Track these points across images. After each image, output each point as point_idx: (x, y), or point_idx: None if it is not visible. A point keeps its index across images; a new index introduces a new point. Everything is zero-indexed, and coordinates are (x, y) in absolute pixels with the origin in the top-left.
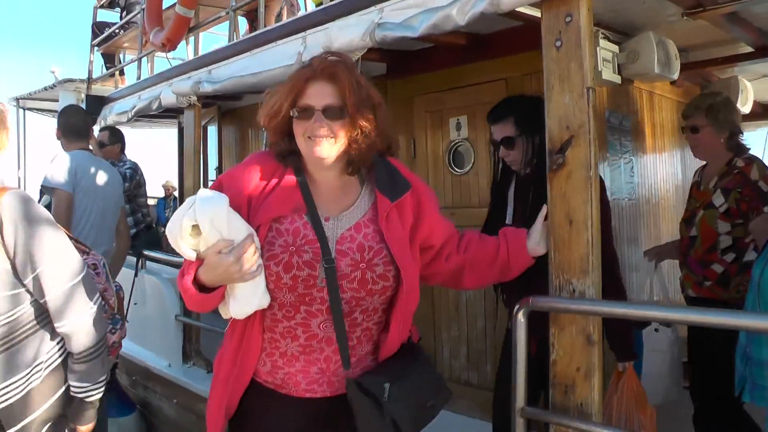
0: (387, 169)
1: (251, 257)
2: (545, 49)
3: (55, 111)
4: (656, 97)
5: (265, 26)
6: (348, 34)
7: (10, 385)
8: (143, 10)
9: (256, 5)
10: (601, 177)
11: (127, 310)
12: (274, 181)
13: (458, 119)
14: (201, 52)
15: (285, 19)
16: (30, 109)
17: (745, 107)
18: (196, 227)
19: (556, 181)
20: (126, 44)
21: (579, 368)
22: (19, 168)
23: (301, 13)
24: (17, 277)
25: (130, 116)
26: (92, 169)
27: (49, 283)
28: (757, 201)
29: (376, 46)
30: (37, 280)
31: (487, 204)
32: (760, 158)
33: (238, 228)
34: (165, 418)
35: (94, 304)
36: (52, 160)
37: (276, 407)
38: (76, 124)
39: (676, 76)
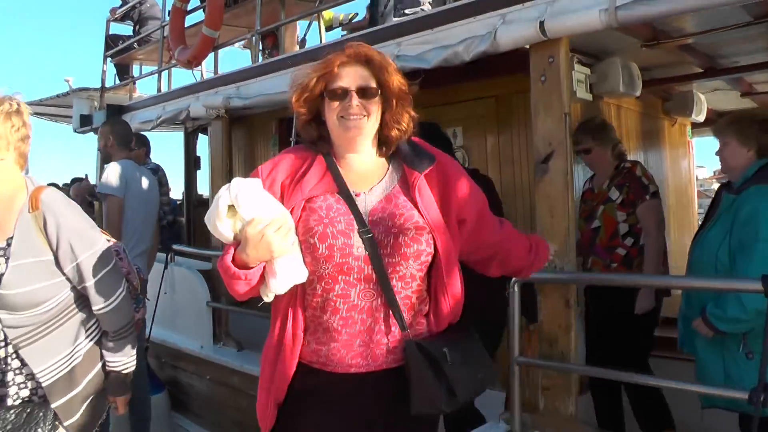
0: (412, 145)
1: (285, 230)
2: (533, 82)
3: (66, 116)
4: (623, 110)
5: (284, 47)
6: None
7: (57, 362)
8: (163, 27)
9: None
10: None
11: (158, 299)
12: (306, 166)
13: (454, 129)
14: (220, 66)
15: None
16: (40, 114)
17: (699, 116)
18: (232, 208)
19: (541, 184)
20: (140, 56)
21: (560, 325)
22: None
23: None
24: (59, 266)
25: (155, 124)
26: (137, 176)
27: (88, 271)
28: (641, 192)
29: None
30: (77, 268)
31: None
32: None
33: (272, 206)
34: (196, 394)
35: (123, 287)
36: (103, 169)
37: (322, 386)
38: (125, 135)
39: (638, 93)
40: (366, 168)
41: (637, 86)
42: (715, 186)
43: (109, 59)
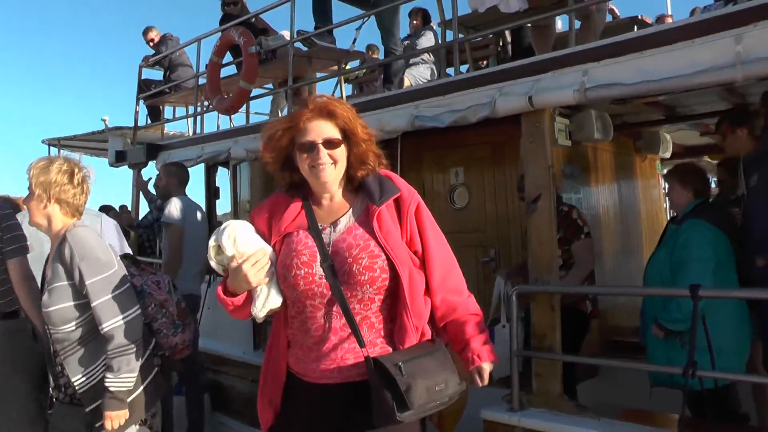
0: (379, 179)
1: (260, 264)
2: (523, 142)
3: (99, 149)
4: (599, 151)
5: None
6: (395, 120)
7: (92, 371)
8: (198, 76)
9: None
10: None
11: (201, 313)
12: (286, 207)
13: (456, 170)
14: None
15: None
16: (79, 148)
17: (666, 153)
18: (217, 247)
19: (532, 218)
20: (172, 100)
21: (548, 325)
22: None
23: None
24: (81, 289)
25: (195, 163)
26: (193, 209)
27: (94, 294)
28: (576, 231)
29: (412, 129)
30: (87, 291)
31: (476, 231)
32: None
33: (250, 244)
34: (237, 394)
35: (130, 314)
36: (167, 203)
37: (304, 394)
38: (183, 176)
39: (610, 138)
40: (335, 204)
41: (610, 132)
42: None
43: (141, 101)
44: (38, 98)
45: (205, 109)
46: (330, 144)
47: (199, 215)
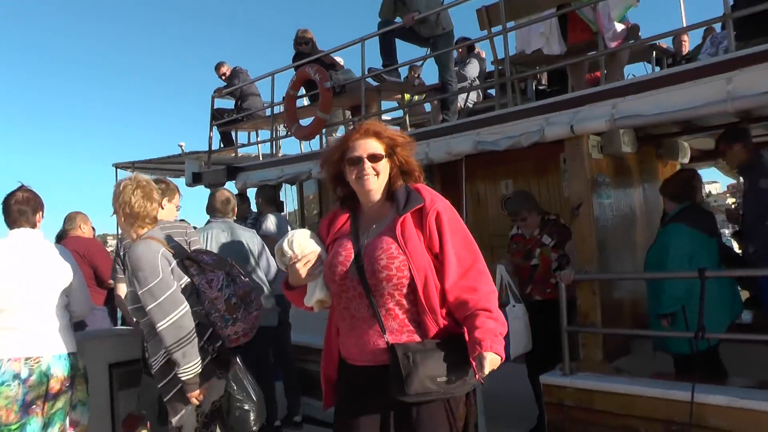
0: (407, 191)
1: (311, 264)
2: (568, 160)
3: (174, 171)
4: (625, 160)
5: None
6: (461, 145)
7: (158, 357)
8: (273, 106)
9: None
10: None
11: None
12: (338, 218)
13: (506, 182)
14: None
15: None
16: (142, 169)
17: (685, 159)
18: (282, 251)
19: (576, 222)
20: (245, 126)
21: (590, 305)
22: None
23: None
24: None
25: (276, 182)
26: (284, 223)
27: (144, 302)
28: (566, 235)
29: (476, 153)
30: (142, 299)
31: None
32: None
33: (304, 248)
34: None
35: (176, 314)
36: (263, 218)
37: (347, 374)
38: (273, 196)
39: (636, 150)
40: (374, 213)
41: (635, 146)
42: (730, 200)
43: (215, 128)
44: (109, 125)
45: (279, 135)
46: (374, 158)
47: (289, 228)
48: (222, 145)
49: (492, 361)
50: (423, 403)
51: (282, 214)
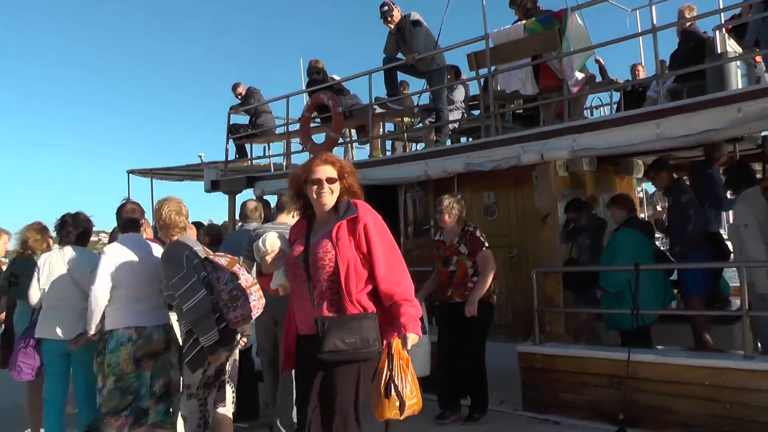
0: (347, 205)
1: (276, 258)
2: (539, 178)
3: (193, 175)
4: (587, 176)
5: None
6: (455, 164)
7: (181, 332)
8: (288, 124)
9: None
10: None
11: None
12: (300, 224)
13: (489, 193)
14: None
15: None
16: (159, 176)
17: (639, 174)
18: (257, 247)
19: (542, 230)
20: (259, 140)
21: (554, 290)
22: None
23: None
24: None
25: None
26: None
27: (173, 290)
28: (479, 246)
29: (466, 171)
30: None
31: (503, 236)
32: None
33: (274, 245)
34: None
35: (195, 299)
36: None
37: (300, 342)
38: (284, 205)
39: (596, 168)
40: (323, 220)
41: (594, 164)
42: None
43: (231, 140)
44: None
45: (292, 150)
46: (330, 180)
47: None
48: (237, 156)
49: (412, 339)
50: (341, 363)
51: None
